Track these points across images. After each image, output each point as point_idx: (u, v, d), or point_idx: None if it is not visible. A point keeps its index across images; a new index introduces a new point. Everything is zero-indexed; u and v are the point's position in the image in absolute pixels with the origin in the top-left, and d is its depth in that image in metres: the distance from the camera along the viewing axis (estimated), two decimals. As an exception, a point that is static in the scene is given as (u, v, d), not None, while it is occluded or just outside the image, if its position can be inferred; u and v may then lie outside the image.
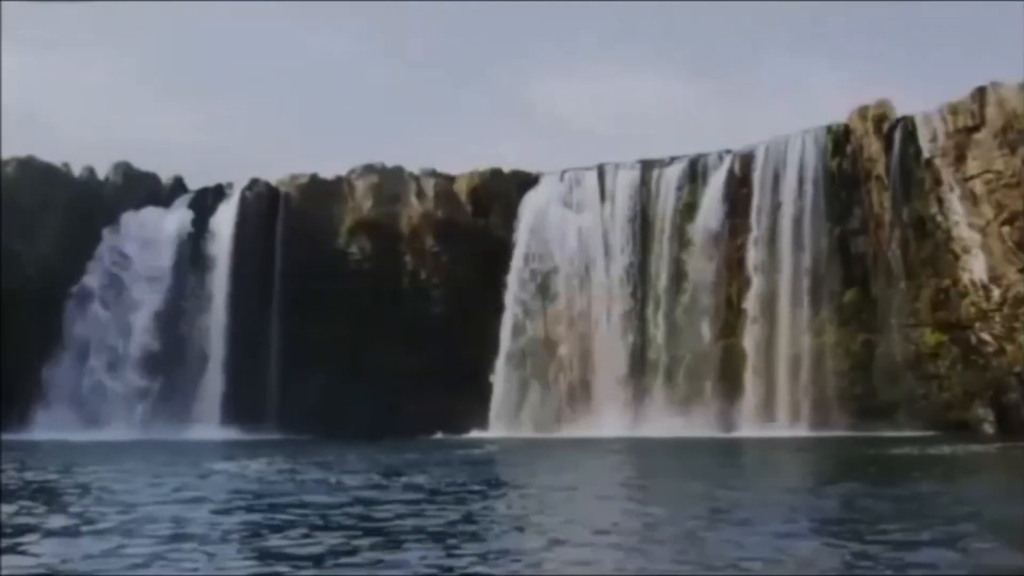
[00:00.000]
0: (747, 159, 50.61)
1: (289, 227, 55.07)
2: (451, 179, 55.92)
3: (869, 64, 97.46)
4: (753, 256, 48.98)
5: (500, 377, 51.64)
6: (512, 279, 52.72)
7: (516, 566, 10.46)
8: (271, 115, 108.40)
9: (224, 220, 55.02)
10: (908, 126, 46.53)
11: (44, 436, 44.30)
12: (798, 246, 48.30)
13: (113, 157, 57.69)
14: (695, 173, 51.84)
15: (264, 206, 55.90)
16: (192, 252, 54.03)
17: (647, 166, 53.06)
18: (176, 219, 54.80)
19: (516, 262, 52.88)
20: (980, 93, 44.56)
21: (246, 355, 52.34)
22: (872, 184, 47.26)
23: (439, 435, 45.68)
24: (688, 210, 51.10)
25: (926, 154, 45.57)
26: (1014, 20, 73.80)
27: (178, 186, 57.51)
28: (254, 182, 56.67)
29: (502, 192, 55.15)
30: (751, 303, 48.62)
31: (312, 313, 51.97)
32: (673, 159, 52.86)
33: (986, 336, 43.83)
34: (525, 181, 55.29)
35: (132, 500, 16.53)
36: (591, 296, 52.12)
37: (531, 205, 54.03)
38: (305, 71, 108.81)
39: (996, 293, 43.49)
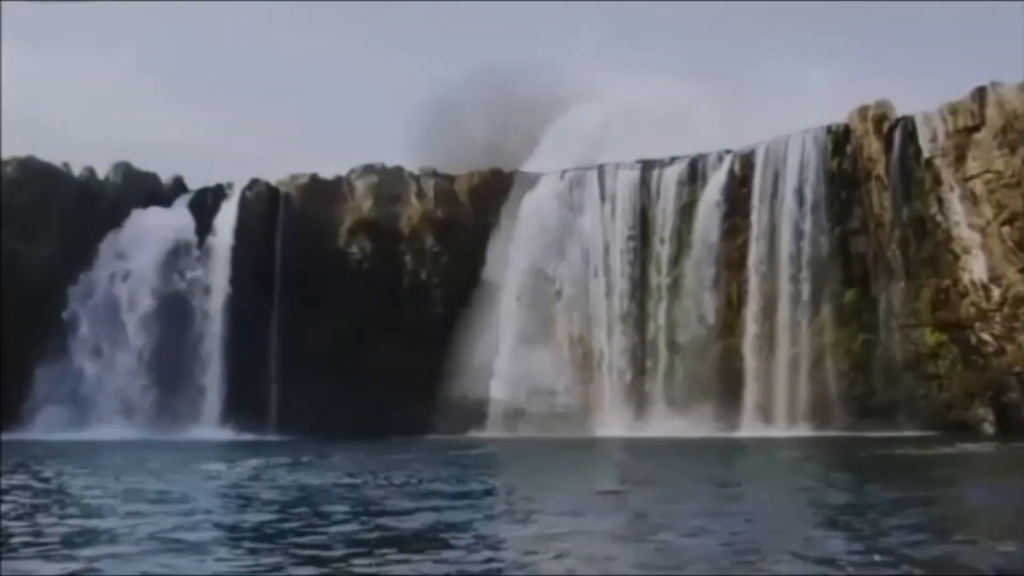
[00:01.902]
0: (747, 159, 50.57)
1: (289, 227, 55.03)
2: (451, 179, 55.86)
3: (869, 64, 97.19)
4: (753, 256, 48.96)
5: (500, 377, 51.59)
6: (512, 279, 52.69)
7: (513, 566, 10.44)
8: (271, 115, 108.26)
9: (224, 220, 54.93)
10: (908, 126, 46.45)
11: (43, 436, 44.26)
12: (798, 246, 48.23)
13: (113, 157, 57.51)
14: (695, 173, 51.79)
15: (264, 206, 55.85)
16: (192, 252, 54.02)
17: (647, 166, 52.99)
18: (176, 219, 54.76)
19: (515, 262, 52.85)
20: (980, 93, 44.45)
21: (246, 355, 52.29)
22: (872, 184, 47.22)
23: (439, 435, 45.60)
24: (688, 210, 51.06)
25: (926, 154, 45.50)
26: (1014, 20, 73.63)
27: (178, 186, 57.41)
28: (254, 182, 56.61)
29: (502, 192, 55.13)
30: (751, 303, 48.61)
31: (312, 313, 51.96)
32: (673, 159, 52.78)
33: (986, 336, 43.77)
34: (525, 181, 55.28)
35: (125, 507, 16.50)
36: (591, 296, 52.10)
37: (531, 205, 54.01)
38: (305, 71, 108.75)
39: (996, 293, 43.43)
